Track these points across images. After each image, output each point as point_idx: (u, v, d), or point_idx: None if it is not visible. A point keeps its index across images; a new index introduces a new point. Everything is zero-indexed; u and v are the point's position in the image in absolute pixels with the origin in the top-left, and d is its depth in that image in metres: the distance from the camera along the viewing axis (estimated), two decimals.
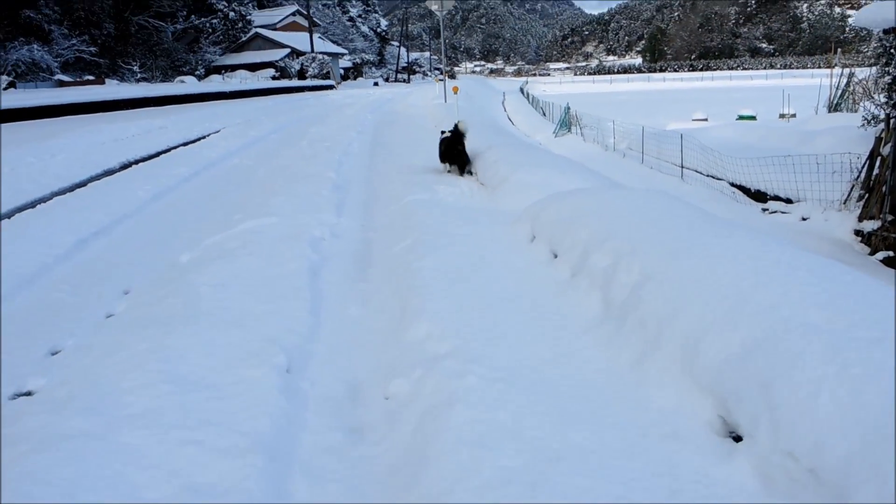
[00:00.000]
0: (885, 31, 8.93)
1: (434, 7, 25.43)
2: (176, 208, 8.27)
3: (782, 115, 24.11)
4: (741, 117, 25.89)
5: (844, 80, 22.29)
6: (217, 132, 18.10)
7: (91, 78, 44.53)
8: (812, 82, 68.17)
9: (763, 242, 3.89)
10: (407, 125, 19.88)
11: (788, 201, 11.36)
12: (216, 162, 12.24)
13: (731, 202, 12.08)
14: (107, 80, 45.28)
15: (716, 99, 48.21)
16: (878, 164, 9.68)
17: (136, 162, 12.73)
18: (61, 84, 42.12)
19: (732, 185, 13.30)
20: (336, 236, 6.65)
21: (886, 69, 13.87)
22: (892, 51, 12.96)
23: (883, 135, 9.61)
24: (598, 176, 8.22)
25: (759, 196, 12.24)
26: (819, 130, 15.37)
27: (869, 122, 13.41)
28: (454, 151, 10.11)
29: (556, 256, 5.30)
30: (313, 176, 9.84)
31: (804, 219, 10.50)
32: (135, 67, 50.37)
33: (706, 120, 25.88)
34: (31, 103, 25.42)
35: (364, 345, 4.10)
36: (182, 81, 50.41)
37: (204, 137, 16.75)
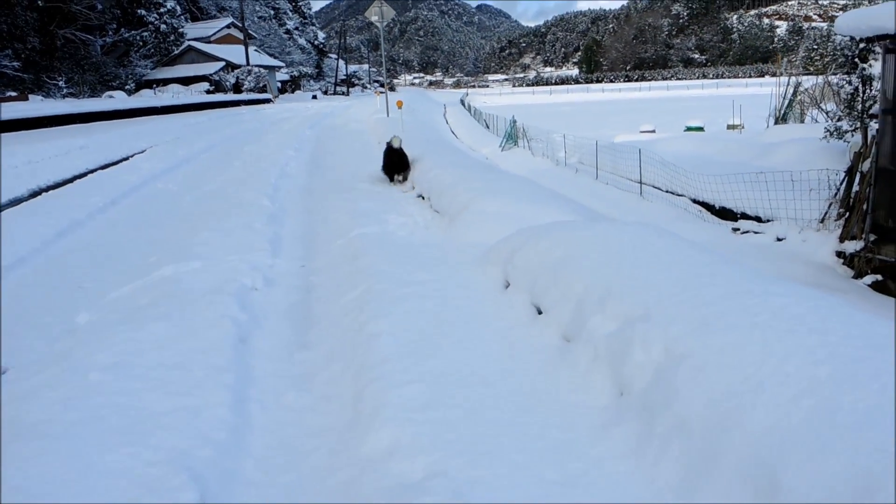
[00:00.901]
0: (867, 40, 8.33)
1: (374, 19, 24.49)
2: (82, 249, 7.06)
3: (731, 126, 23.83)
4: (689, 128, 25.56)
5: (791, 90, 22.10)
6: (142, 152, 16.74)
7: (13, 94, 42.15)
8: (748, 91, 69.46)
9: (826, 304, 3.02)
10: (348, 141, 18.82)
11: (758, 219, 10.72)
12: (138, 187, 10.99)
13: (698, 221, 11.39)
14: (31, 96, 42.98)
15: (658, 109, 48.41)
16: (857, 180, 9.08)
17: (47, 189, 11.38)
18: None
19: (695, 201, 12.66)
20: (271, 283, 5.60)
21: (850, 79, 13.49)
22: (858, 60, 12.54)
23: (862, 150, 9.02)
24: (570, 202, 7.34)
25: (725, 214, 11.59)
26: (777, 143, 14.91)
27: (832, 134, 12.93)
28: (401, 163, 11.00)
29: (539, 312, 4.37)
30: (246, 204, 8.73)
31: (780, 239, 9.83)
32: (60, 82, 48.01)
33: (654, 132, 25.47)
34: None
35: (306, 459, 3.06)
36: (111, 97, 48.27)
37: (128, 158, 15.40)
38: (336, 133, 22.45)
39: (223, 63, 63.10)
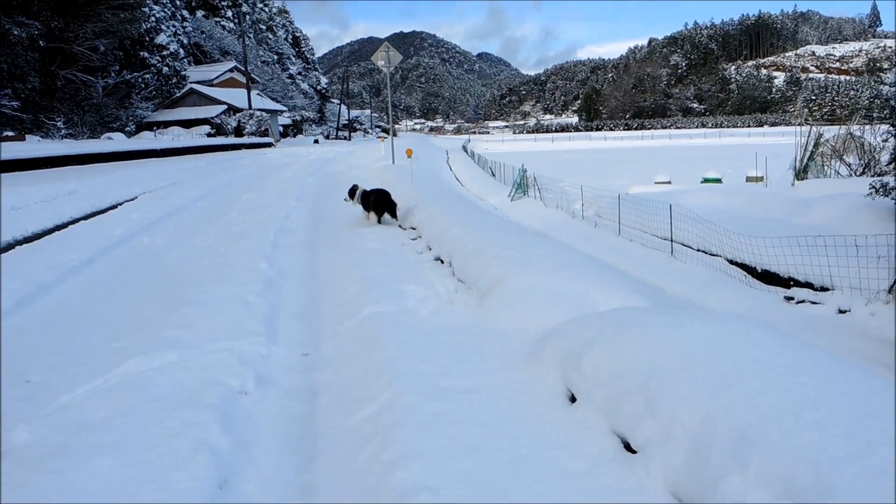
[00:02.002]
0: None
1: (381, 63, 23.78)
2: (41, 324, 5.87)
3: (750, 178, 22.85)
4: (706, 180, 24.60)
5: (811, 141, 21.17)
6: (133, 199, 15.68)
7: (10, 134, 41.42)
8: (750, 141, 69.11)
9: None
10: None
11: (811, 287, 9.59)
12: (120, 242, 9.84)
13: (741, 287, 10.25)
14: (28, 137, 42.24)
15: (665, 159, 47.71)
16: None
17: (21, 242, 10.26)
18: None
19: (732, 262, 11.55)
20: (265, 384, 4.43)
21: None
22: None
23: None
24: (620, 273, 6.20)
25: (769, 278, 10.47)
26: (813, 198, 13.85)
27: (877, 191, 11.88)
28: (389, 202, 11.51)
29: (630, 449, 3.20)
30: (239, 267, 7.59)
31: (842, 311, 8.69)
32: (59, 123, 47.34)
33: (669, 183, 24.49)
34: None
35: None
36: (109, 138, 47.63)
37: (116, 206, 14.31)
38: (339, 180, 21.43)
39: (225, 106, 62.72)
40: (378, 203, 11.51)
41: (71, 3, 47.04)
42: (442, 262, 8.05)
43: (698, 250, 13.05)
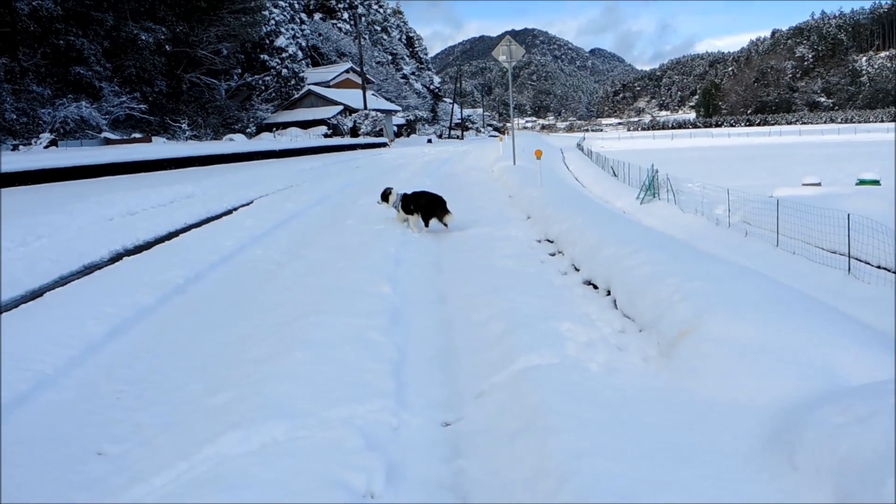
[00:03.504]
0: None
1: (502, 58, 22.59)
2: (127, 369, 4.90)
3: None
4: (862, 182, 21.97)
5: None
6: (249, 203, 15.12)
7: (138, 136, 43.01)
8: (890, 137, 63.14)
9: None
10: (473, 194, 16.60)
11: None
12: (229, 256, 9.02)
13: None
14: (155, 138, 43.75)
15: (803, 157, 44.07)
16: None
17: (131, 252, 9.68)
18: (108, 142, 40.66)
19: None
20: (396, 479, 3.26)
21: None
22: None
23: None
24: (852, 319, 4.67)
25: None
26: None
27: None
28: (442, 207, 10.86)
29: None
30: (359, 292, 6.53)
31: None
32: (184, 125, 48.83)
33: (819, 184, 22.02)
34: (60, 164, 23.19)
35: None
36: (231, 139, 48.75)
37: (231, 212, 13.73)
38: (457, 183, 20.36)
39: (341, 107, 63.27)
40: (429, 206, 10.93)
41: (195, 7, 48.41)
42: (595, 287, 6.72)
43: (878, 266, 11.13)
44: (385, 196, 11.63)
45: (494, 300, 6.17)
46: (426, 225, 10.93)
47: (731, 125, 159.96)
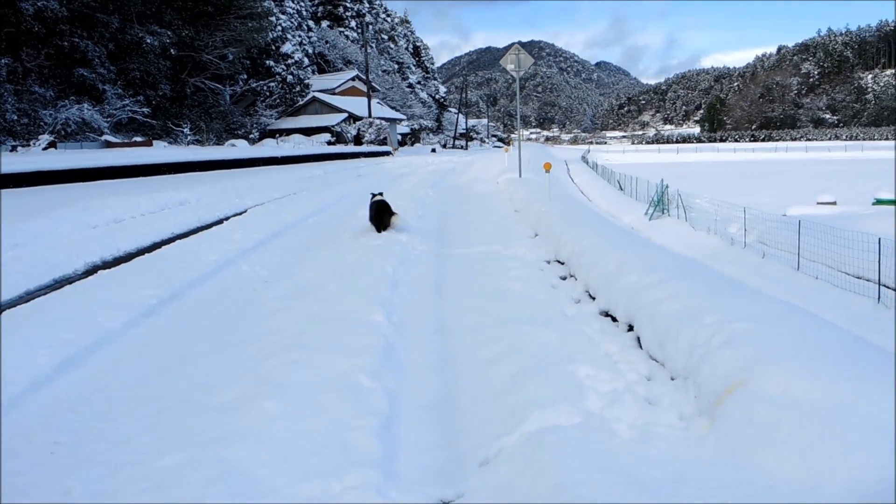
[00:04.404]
0: None
1: (510, 67, 21.96)
2: (71, 413, 4.12)
3: None
4: (879, 201, 21.23)
5: None
6: (242, 213, 14.40)
7: (139, 139, 42.35)
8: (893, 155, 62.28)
9: None
10: (480, 209, 15.86)
11: None
12: (212, 273, 8.28)
13: None
14: (156, 142, 43.10)
15: (813, 174, 43.33)
16: None
17: (109, 265, 8.97)
18: (108, 145, 40.00)
19: None
20: None
21: None
22: None
23: None
24: None
25: None
26: None
27: None
28: (388, 211, 11.05)
29: None
30: (349, 319, 5.79)
31: None
32: (186, 130, 48.18)
33: (835, 203, 21.28)
34: (56, 166, 22.66)
35: None
36: (233, 145, 48.07)
37: (222, 221, 13.02)
38: (462, 196, 19.64)
39: (346, 114, 62.72)
40: (378, 214, 11.07)
41: (202, 12, 47.91)
42: (614, 319, 5.99)
43: None
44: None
45: (503, 336, 5.44)
46: (377, 232, 10.93)
47: (736, 140, 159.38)
